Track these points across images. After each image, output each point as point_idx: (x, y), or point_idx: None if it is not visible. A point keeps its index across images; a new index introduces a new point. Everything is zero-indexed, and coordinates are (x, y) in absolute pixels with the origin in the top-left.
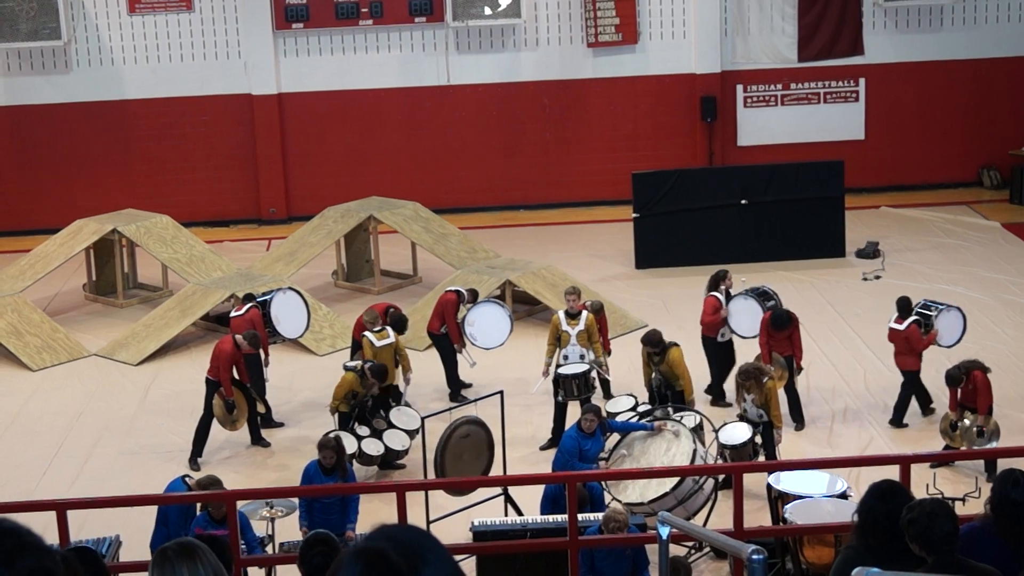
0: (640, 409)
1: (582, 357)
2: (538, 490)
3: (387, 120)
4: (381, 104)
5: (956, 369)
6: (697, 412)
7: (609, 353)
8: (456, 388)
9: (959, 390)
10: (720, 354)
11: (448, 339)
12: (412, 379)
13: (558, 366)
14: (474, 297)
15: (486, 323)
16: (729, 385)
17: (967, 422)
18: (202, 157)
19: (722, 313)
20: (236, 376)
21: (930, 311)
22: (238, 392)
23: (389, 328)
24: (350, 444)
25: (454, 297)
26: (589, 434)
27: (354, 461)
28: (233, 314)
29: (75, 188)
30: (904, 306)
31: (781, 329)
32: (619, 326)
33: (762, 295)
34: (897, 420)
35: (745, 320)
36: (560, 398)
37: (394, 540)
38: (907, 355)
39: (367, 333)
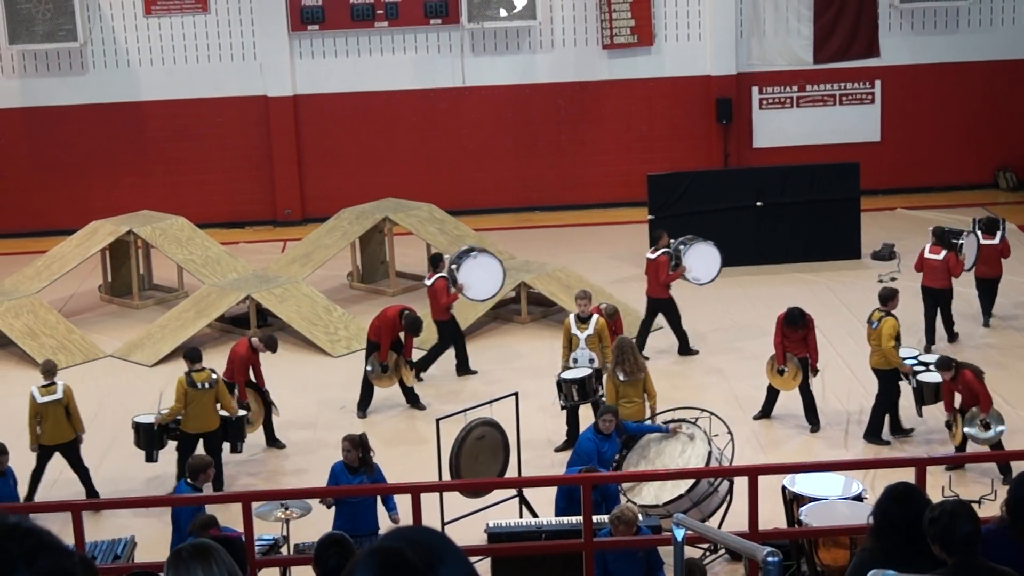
0: None
1: (591, 361)
2: (553, 492)
3: (402, 122)
4: (396, 106)
5: (946, 359)
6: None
7: None
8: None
9: (955, 394)
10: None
11: (669, 302)
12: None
13: (566, 369)
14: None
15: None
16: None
17: (972, 411)
18: (217, 159)
19: (961, 258)
20: (252, 378)
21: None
22: (254, 394)
23: (59, 383)
24: None
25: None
26: (606, 435)
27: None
28: (427, 282)
29: (91, 189)
30: (941, 235)
31: (795, 328)
32: (634, 328)
33: (957, 233)
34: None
35: (971, 254)
36: (561, 403)
37: (410, 540)
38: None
39: (33, 387)
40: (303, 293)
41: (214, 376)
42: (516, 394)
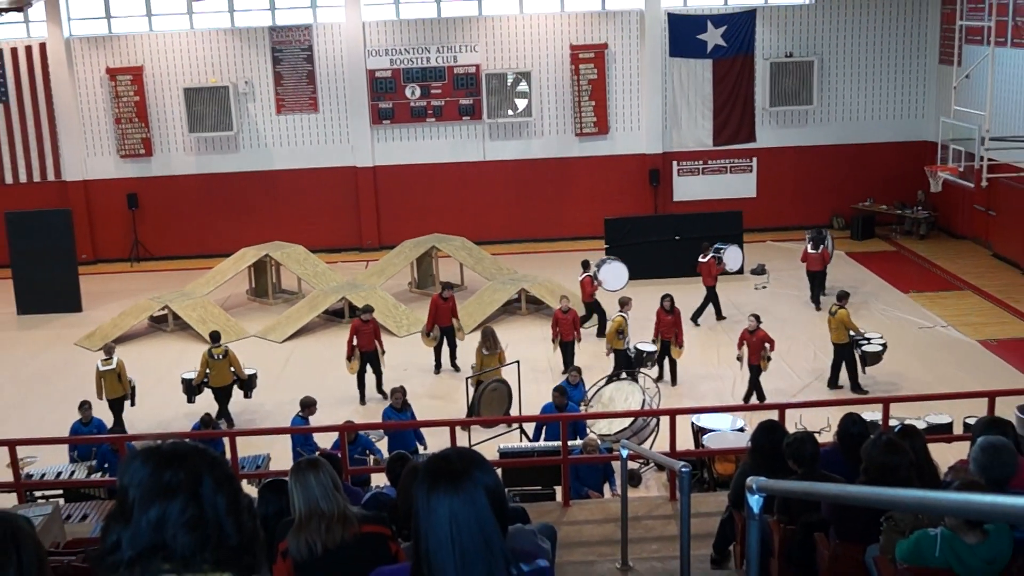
0: None
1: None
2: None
3: (444, 183)
4: (440, 173)
5: (756, 317)
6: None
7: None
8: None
9: (748, 343)
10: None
11: (714, 288)
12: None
13: (624, 349)
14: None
15: (731, 258)
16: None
17: (764, 349)
18: (323, 207)
19: (829, 251)
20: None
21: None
22: (363, 354)
23: (114, 358)
24: None
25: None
26: (574, 385)
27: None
28: (579, 278)
29: (241, 227)
30: (816, 237)
31: (668, 313)
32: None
33: (824, 237)
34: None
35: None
36: (648, 365)
37: (454, 452)
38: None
39: (98, 361)
40: (379, 295)
41: (226, 350)
42: (518, 362)
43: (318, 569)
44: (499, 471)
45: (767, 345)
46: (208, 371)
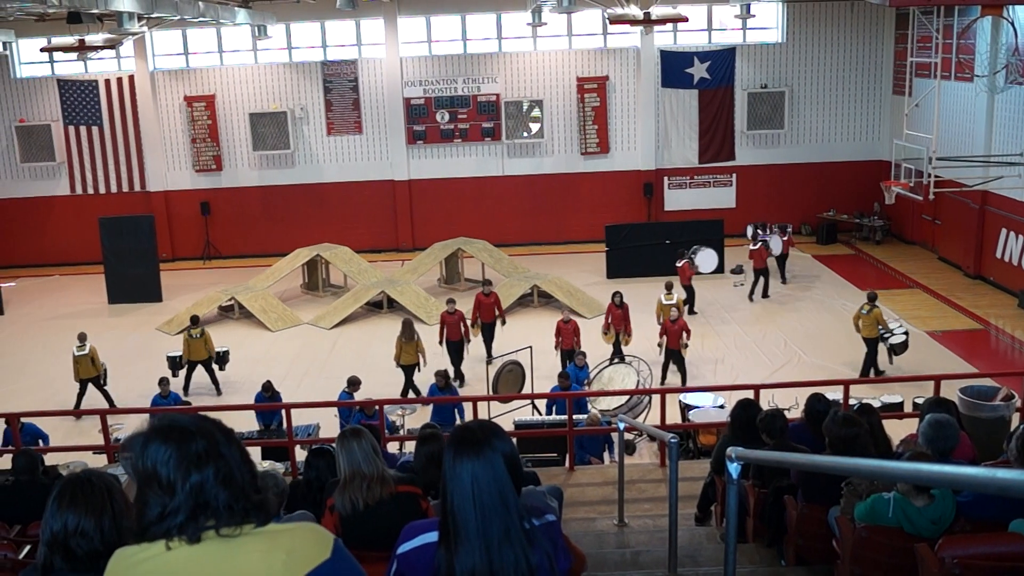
0: None
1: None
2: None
3: (469, 194)
4: (465, 186)
5: (676, 308)
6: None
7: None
8: None
9: (670, 331)
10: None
11: (766, 269)
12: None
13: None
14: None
15: (775, 243)
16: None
17: (683, 337)
18: (366, 214)
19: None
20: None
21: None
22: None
23: (87, 344)
24: None
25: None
26: (580, 368)
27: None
28: (677, 264)
29: (296, 231)
30: (781, 229)
31: (619, 308)
32: (595, 309)
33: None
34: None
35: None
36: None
37: (476, 423)
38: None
39: (74, 348)
40: (412, 289)
41: (202, 331)
42: (531, 347)
43: (360, 523)
44: (514, 440)
45: (684, 333)
46: (189, 349)
